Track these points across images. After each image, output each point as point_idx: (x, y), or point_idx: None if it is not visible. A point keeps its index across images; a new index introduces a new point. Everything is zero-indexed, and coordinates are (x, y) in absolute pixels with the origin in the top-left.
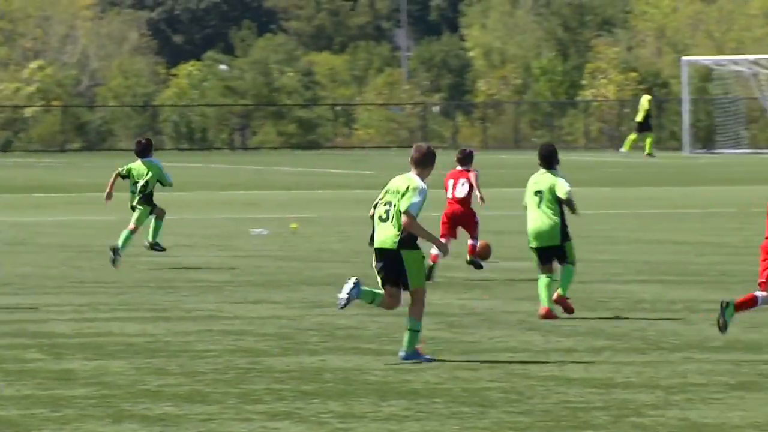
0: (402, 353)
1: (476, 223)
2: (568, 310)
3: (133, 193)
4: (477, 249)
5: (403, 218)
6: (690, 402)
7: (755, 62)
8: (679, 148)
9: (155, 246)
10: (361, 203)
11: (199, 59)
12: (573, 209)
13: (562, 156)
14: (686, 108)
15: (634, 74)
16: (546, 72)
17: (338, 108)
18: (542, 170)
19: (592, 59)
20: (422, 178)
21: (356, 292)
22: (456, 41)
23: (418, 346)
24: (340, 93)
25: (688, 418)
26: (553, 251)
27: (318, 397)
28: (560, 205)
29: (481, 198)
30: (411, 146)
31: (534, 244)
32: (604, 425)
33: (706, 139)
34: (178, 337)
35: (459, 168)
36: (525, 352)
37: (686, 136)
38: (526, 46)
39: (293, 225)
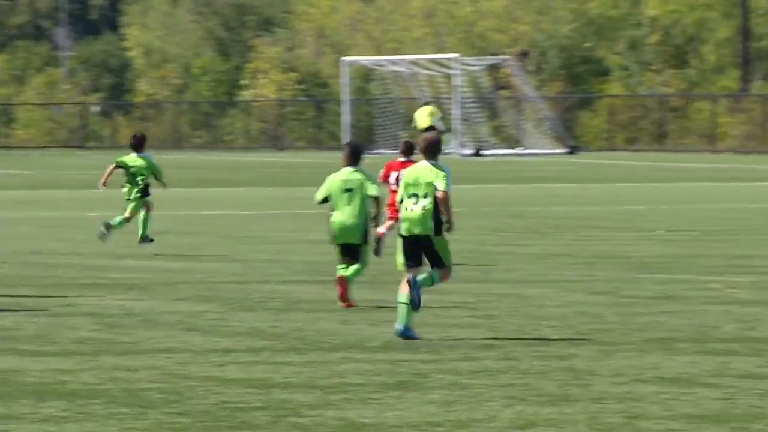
0: (401, 327)
1: None
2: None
3: (131, 185)
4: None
5: (440, 194)
6: (348, 402)
7: (414, 62)
8: (338, 149)
9: (146, 239)
10: (21, 204)
11: None
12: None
13: (221, 156)
14: (346, 108)
15: (294, 74)
16: (206, 72)
17: None
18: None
19: (253, 59)
20: None
21: (417, 291)
22: (116, 41)
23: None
24: None
25: (347, 418)
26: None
27: None
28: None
29: None
30: (70, 146)
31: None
32: (264, 425)
33: (365, 140)
34: None
35: (402, 160)
36: (184, 353)
37: (346, 137)
38: (187, 46)
39: None
